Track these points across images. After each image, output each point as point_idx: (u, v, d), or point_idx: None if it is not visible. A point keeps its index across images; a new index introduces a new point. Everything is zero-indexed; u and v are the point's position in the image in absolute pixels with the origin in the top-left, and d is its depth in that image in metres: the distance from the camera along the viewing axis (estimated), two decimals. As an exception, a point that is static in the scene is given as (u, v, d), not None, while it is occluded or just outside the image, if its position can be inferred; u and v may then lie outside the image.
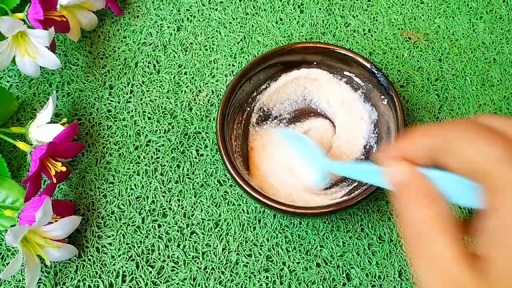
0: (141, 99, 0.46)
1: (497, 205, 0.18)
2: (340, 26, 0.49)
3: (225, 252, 0.40)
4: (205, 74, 0.47)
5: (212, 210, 0.41)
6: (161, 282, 0.39)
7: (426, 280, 0.20)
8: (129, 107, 0.45)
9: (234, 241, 0.40)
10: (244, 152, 0.41)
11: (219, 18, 0.49)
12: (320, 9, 0.50)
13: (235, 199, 0.41)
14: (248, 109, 0.42)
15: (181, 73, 0.47)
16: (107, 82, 0.46)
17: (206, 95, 0.46)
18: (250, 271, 0.39)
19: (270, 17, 0.49)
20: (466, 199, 0.21)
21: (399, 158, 0.22)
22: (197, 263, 0.39)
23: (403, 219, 0.21)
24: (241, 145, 0.41)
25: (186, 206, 0.41)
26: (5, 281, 0.39)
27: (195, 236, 0.40)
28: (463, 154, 0.20)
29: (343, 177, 0.40)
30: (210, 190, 0.42)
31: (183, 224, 0.41)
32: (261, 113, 0.43)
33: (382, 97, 0.39)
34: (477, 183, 0.20)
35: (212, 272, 0.39)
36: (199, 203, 0.41)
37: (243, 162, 0.41)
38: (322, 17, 0.49)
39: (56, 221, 0.37)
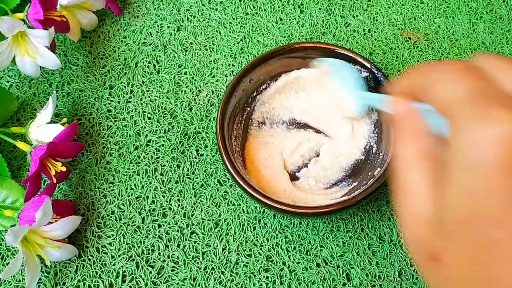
0: (141, 99, 0.46)
1: (452, 142, 0.19)
2: (340, 26, 0.49)
3: (225, 252, 0.40)
4: (205, 74, 0.47)
5: (212, 210, 0.41)
6: (161, 282, 0.39)
7: (401, 215, 0.22)
8: (129, 107, 0.45)
9: (234, 241, 0.40)
10: (244, 152, 0.41)
11: (219, 18, 0.49)
12: (320, 9, 0.50)
13: (235, 199, 0.41)
14: (248, 109, 0.42)
15: (181, 73, 0.47)
16: (107, 82, 0.46)
17: (206, 95, 0.46)
18: (250, 271, 0.39)
19: (270, 17, 0.49)
20: (445, 131, 0.22)
21: (398, 93, 0.24)
22: (197, 263, 0.39)
23: (393, 151, 0.24)
24: (241, 145, 0.41)
25: (186, 206, 0.41)
26: (5, 281, 0.39)
27: (195, 236, 0.40)
28: (437, 93, 0.21)
29: (343, 177, 0.40)
30: (210, 190, 0.42)
31: (183, 224, 0.41)
32: (260, 114, 0.43)
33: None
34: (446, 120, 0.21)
35: (212, 272, 0.39)
36: (199, 203, 0.41)
37: (243, 162, 0.41)
38: (322, 17, 0.49)
39: (56, 221, 0.37)
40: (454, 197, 0.18)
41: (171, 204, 0.41)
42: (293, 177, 0.41)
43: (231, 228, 0.40)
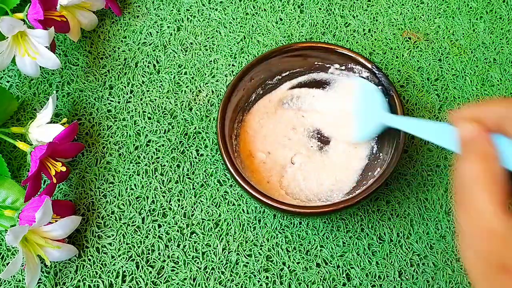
0: (141, 99, 0.46)
1: None
2: (340, 26, 0.49)
3: (225, 252, 0.40)
4: (205, 74, 0.47)
5: (212, 210, 0.41)
6: (161, 282, 0.39)
7: (465, 230, 0.22)
8: (129, 107, 0.45)
9: (234, 241, 0.40)
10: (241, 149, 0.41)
11: (219, 18, 0.49)
12: (320, 9, 0.50)
13: (235, 199, 0.41)
14: (248, 108, 0.42)
15: (181, 73, 0.47)
16: (107, 82, 0.46)
17: (206, 95, 0.46)
18: (250, 271, 0.39)
19: (270, 17, 0.49)
20: None
21: (470, 120, 0.24)
22: (197, 263, 0.39)
23: (455, 170, 0.23)
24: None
25: (186, 206, 0.41)
26: (5, 281, 0.39)
27: (195, 236, 0.40)
28: None
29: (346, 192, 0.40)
30: (210, 190, 0.42)
31: (183, 224, 0.41)
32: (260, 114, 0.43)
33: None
34: None
35: (212, 272, 0.39)
36: (199, 203, 0.41)
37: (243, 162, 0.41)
38: (322, 17, 0.49)
39: (56, 221, 0.37)
40: None
41: (171, 204, 0.41)
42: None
43: (231, 228, 0.40)
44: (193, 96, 0.46)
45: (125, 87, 0.46)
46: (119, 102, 0.46)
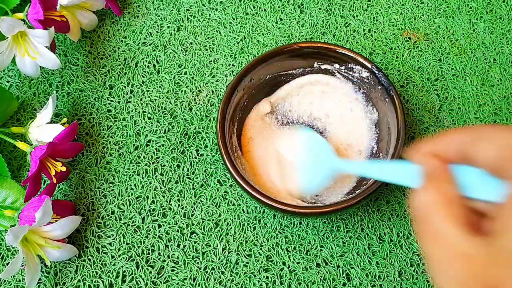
0: (141, 99, 0.46)
1: None
2: (340, 26, 0.49)
3: (225, 252, 0.40)
4: (205, 74, 0.47)
5: (212, 210, 0.41)
6: (161, 282, 0.39)
7: (434, 257, 0.21)
8: (129, 107, 0.45)
9: (234, 241, 0.40)
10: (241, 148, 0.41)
11: (219, 18, 0.49)
12: (320, 9, 0.50)
13: (235, 199, 0.41)
14: (249, 109, 0.42)
15: (181, 73, 0.47)
16: (107, 82, 0.46)
17: (206, 95, 0.46)
18: (250, 271, 0.39)
19: (270, 17, 0.49)
20: (486, 192, 0.22)
21: (430, 155, 0.24)
22: (197, 263, 0.39)
23: (412, 204, 0.23)
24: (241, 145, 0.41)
25: (186, 206, 0.41)
26: (5, 281, 0.39)
27: (195, 236, 0.40)
28: (487, 149, 0.21)
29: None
30: (210, 190, 0.42)
31: (183, 224, 0.41)
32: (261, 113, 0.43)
33: (383, 97, 0.39)
34: (500, 178, 0.21)
35: (212, 272, 0.39)
36: (199, 203, 0.41)
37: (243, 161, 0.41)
38: (322, 17, 0.49)
39: (56, 221, 0.37)
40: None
41: (171, 204, 0.41)
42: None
43: (231, 228, 0.40)
44: (193, 96, 0.46)
45: (125, 87, 0.46)
46: (119, 102, 0.46)
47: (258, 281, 0.38)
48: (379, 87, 0.39)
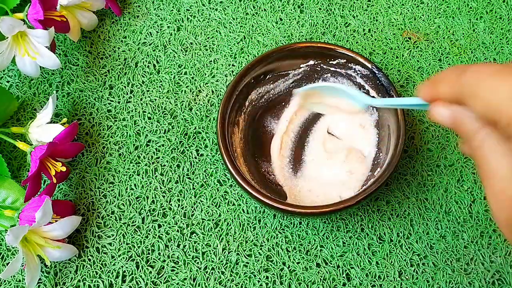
0: (141, 99, 0.46)
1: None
2: (340, 26, 0.49)
3: (225, 252, 0.40)
4: (205, 74, 0.47)
5: (212, 210, 0.41)
6: (161, 282, 0.39)
7: (488, 197, 0.22)
8: (129, 107, 0.45)
9: (234, 241, 0.40)
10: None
11: (219, 18, 0.49)
12: (320, 9, 0.50)
13: (235, 199, 0.41)
14: (249, 108, 0.42)
15: (181, 73, 0.47)
16: (107, 82, 0.46)
17: (206, 95, 0.46)
18: (250, 271, 0.39)
19: (270, 17, 0.49)
20: None
21: (437, 100, 0.25)
22: (197, 263, 0.39)
23: (469, 147, 0.24)
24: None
25: (186, 206, 0.41)
26: (5, 281, 0.39)
27: (195, 236, 0.40)
28: (482, 96, 0.22)
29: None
30: (210, 190, 0.42)
31: (183, 224, 0.41)
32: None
33: (383, 97, 0.39)
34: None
35: (212, 272, 0.39)
36: (199, 203, 0.41)
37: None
38: (322, 17, 0.49)
39: (56, 221, 0.37)
40: None
41: (171, 204, 0.41)
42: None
43: (231, 228, 0.40)
44: (193, 96, 0.46)
45: (125, 87, 0.46)
46: (119, 102, 0.46)
47: (258, 281, 0.38)
48: (379, 87, 0.39)
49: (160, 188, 0.42)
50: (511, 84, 0.20)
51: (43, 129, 0.40)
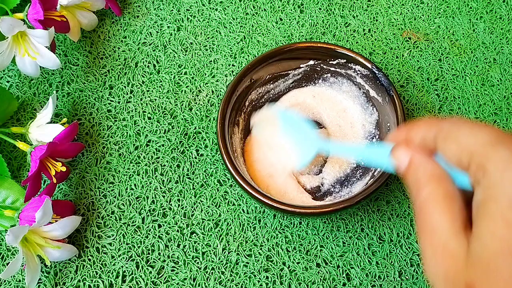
0: (141, 99, 0.46)
1: (486, 182, 0.20)
2: (340, 26, 0.49)
3: (225, 252, 0.40)
4: (205, 74, 0.47)
5: (212, 210, 0.41)
6: (161, 282, 0.39)
7: (425, 252, 0.22)
8: (129, 107, 0.45)
9: (234, 241, 0.40)
10: (244, 151, 0.41)
11: (219, 18, 0.49)
12: (320, 9, 0.50)
13: (235, 199, 0.41)
14: (249, 108, 0.42)
15: (181, 73, 0.47)
16: (107, 82, 0.46)
17: (206, 95, 0.46)
18: (250, 271, 0.39)
19: (270, 17, 0.49)
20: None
21: (403, 143, 0.25)
22: (197, 263, 0.39)
23: (411, 197, 0.24)
24: (241, 145, 0.41)
25: (186, 206, 0.41)
26: (5, 281, 0.39)
27: (195, 236, 0.40)
28: (455, 140, 0.22)
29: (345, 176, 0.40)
30: (210, 190, 0.42)
31: (183, 224, 0.41)
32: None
33: (383, 97, 0.39)
34: (464, 171, 0.22)
35: (212, 272, 0.39)
36: (199, 203, 0.41)
37: (244, 162, 0.41)
38: (322, 17, 0.49)
39: (56, 221, 0.37)
40: (494, 229, 0.19)
41: (171, 204, 0.41)
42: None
43: (231, 228, 0.40)
44: (193, 96, 0.46)
45: (125, 87, 0.46)
46: (119, 102, 0.46)
47: (258, 281, 0.38)
48: (379, 87, 0.39)
49: (160, 188, 0.42)
50: (490, 132, 0.21)
51: (43, 129, 0.40)
